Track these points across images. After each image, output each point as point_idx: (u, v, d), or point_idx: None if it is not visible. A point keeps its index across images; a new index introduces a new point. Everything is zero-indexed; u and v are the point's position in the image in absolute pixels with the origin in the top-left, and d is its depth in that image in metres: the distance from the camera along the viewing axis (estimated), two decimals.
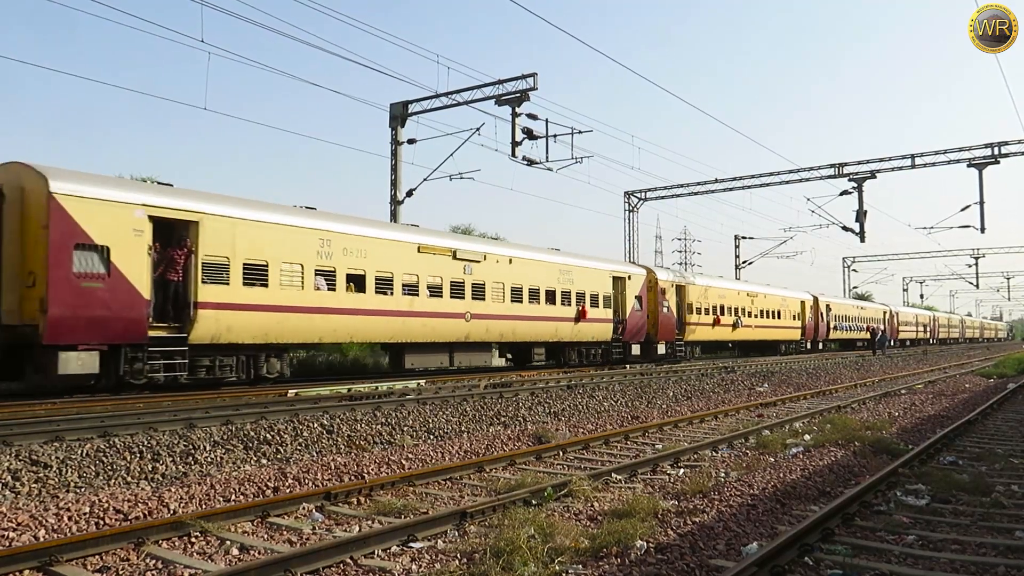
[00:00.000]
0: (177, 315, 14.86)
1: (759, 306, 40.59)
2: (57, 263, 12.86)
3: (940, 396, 18.72)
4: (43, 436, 9.51)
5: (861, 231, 36.71)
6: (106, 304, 13.48)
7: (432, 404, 13.72)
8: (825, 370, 28.14)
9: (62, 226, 12.97)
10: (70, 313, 12.99)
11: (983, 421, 13.53)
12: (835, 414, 14.53)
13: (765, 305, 41.48)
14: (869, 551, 5.76)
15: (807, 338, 47.44)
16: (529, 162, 25.63)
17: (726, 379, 21.99)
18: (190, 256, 14.94)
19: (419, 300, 20.01)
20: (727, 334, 37.41)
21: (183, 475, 8.39)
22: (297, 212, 17.66)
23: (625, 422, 13.55)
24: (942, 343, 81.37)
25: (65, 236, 13.00)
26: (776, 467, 9.03)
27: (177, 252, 14.80)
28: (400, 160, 26.98)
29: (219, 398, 14.25)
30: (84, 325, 13.20)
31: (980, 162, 33.59)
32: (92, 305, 13.30)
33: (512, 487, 7.77)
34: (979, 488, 7.76)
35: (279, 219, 16.79)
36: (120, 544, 5.72)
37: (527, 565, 5.22)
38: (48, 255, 12.80)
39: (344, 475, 8.54)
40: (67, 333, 13.01)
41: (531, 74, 24.42)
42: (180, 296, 14.90)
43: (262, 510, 6.80)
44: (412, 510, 7.02)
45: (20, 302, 13.06)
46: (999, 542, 6.02)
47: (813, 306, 48.09)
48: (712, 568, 5.24)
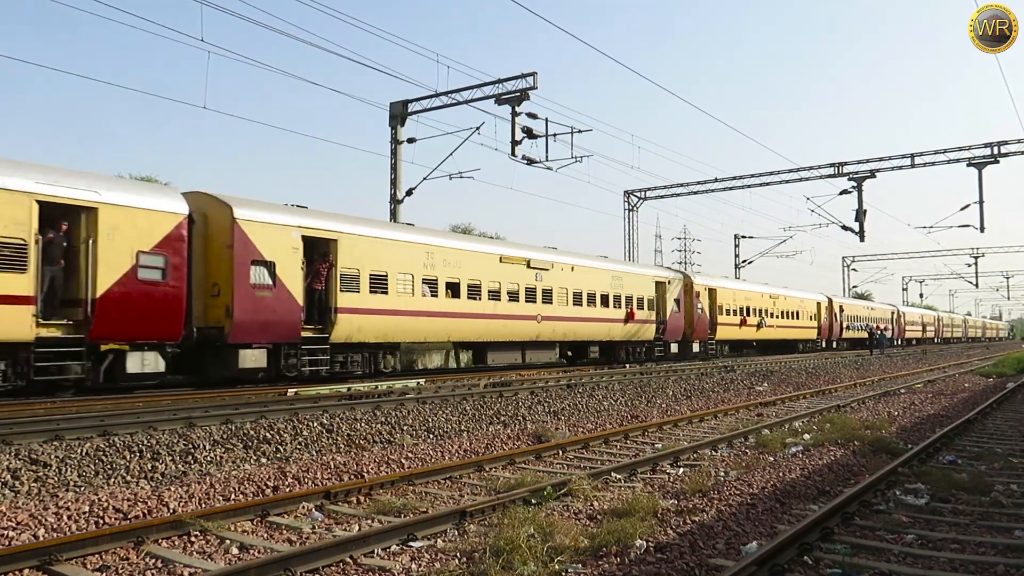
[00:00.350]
0: (320, 319, 17.53)
1: (780, 307, 43.02)
2: (239, 276, 15.54)
3: (939, 395, 18.73)
4: (43, 435, 9.51)
5: (861, 230, 36.71)
6: (273, 310, 16.19)
7: (432, 403, 13.73)
8: (824, 369, 28.16)
9: (243, 245, 15.63)
10: (248, 317, 15.64)
11: (982, 420, 13.53)
12: (835, 413, 14.54)
13: (785, 306, 43.83)
14: (868, 550, 5.76)
15: (822, 337, 49.84)
16: (529, 161, 25.63)
17: (725, 378, 22.00)
18: (331, 269, 17.63)
19: (501, 304, 22.70)
20: (752, 333, 39.84)
21: (183, 474, 8.39)
22: (408, 229, 21.02)
23: (625, 421, 13.56)
24: (945, 342, 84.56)
25: (245, 254, 15.66)
26: (776, 466, 9.04)
27: (321, 266, 17.55)
28: (400, 159, 26.98)
29: (219, 397, 14.26)
30: (258, 327, 15.91)
31: (980, 161, 33.60)
32: (263, 311, 15.99)
33: (512, 486, 7.77)
34: (978, 487, 7.77)
35: (395, 236, 19.86)
36: (120, 543, 5.71)
37: (527, 564, 5.22)
38: (232, 269, 15.44)
39: (344, 474, 8.54)
40: (246, 334, 15.68)
41: (531, 73, 24.42)
42: (323, 302, 17.57)
43: (262, 509, 6.79)
44: (412, 509, 7.02)
45: (205, 309, 15.55)
46: (998, 541, 6.02)
47: (828, 307, 50.44)
48: (712, 567, 5.24)
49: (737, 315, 37.76)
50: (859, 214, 36.28)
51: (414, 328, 19.84)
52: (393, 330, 19.25)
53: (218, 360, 15.80)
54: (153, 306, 14.28)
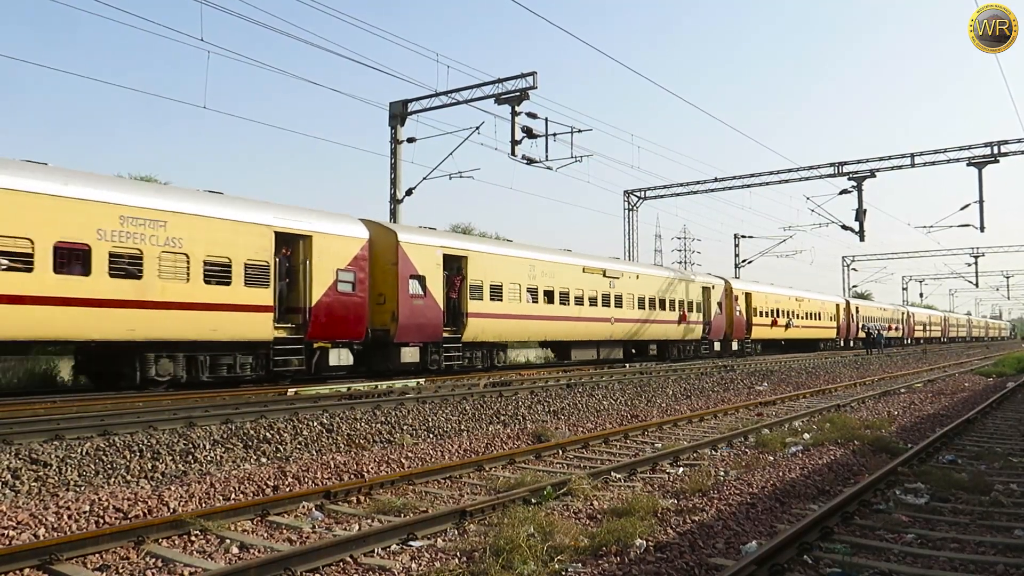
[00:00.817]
0: (454, 322, 21.25)
1: (804, 309, 47.16)
2: (402, 288, 19.26)
3: (939, 395, 18.73)
4: (43, 435, 9.52)
5: (861, 230, 36.63)
6: (424, 315, 19.87)
7: (432, 403, 13.73)
8: (824, 369, 28.16)
9: (404, 263, 19.41)
10: (408, 322, 19.36)
11: (982, 420, 13.54)
12: (834, 413, 14.54)
13: (809, 308, 48.02)
14: (868, 550, 5.77)
15: (841, 336, 53.77)
16: (529, 161, 25.60)
17: (725, 378, 22.01)
18: (462, 281, 21.38)
19: (583, 308, 26.56)
20: (781, 333, 43.77)
21: (183, 474, 8.39)
22: (516, 247, 25.10)
23: (625, 421, 13.56)
24: (951, 341, 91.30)
25: (406, 270, 19.44)
26: (775, 466, 9.04)
27: (456, 278, 21.28)
28: (400, 159, 26.93)
29: (219, 397, 14.27)
30: (414, 329, 19.61)
31: (979, 161, 33.55)
32: (418, 316, 19.65)
33: (512, 486, 7.77)
34: (978, 487, 7.77)
35: (508, 252, 23.92)
36: (120, 543, 5.72)
37: (527, 564, 5.22)
38: (397, 283, 19.15)
39: (344, 474, 8.55)
40: (406, 335, 19.40)
41: (531, 73, 24.36)
42: (456, 308, 21.30)
43: (262, 509, 6.80)
44: (412, 509, 7.03)
45: (373, 315, 18.96)
46: (998, 541, 6.02)
47: (845, 308, 54.76)
48: (711, 567, 5.24)
49: (769, 316, 41.65)
50: (859, 214, 36.20)
51: (521, 329, 23.80)
52: (506, 331, 23.14)
53: (385, 356, 19.41)
54: (347, 312, 18.02)
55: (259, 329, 16.05)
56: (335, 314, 17.61)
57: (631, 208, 42.62)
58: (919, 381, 23.44)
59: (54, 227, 13.00)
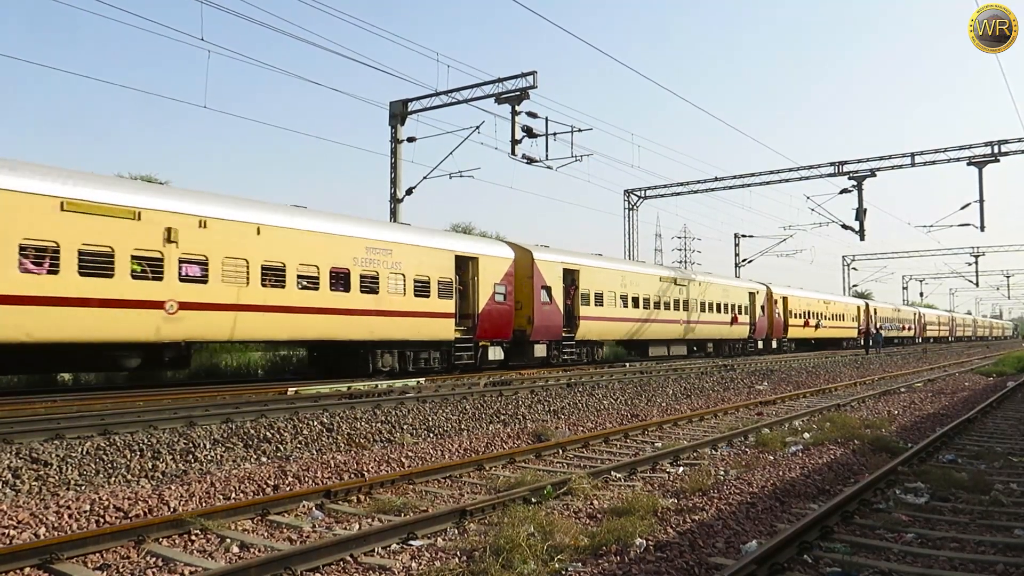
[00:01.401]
0: (569, 324, 25.64)
1: (831, 311, 52.07)
2: (537, 297, 23.81)
3: (939, 394, 18.73)
4: (44, 434, 9.53)
5: (861, 229, 36.61)
6: (550, 318, 24.44)
7: (432, 402, 13.73)
8: (824, 368, 28.15)
9: (537, 276, 24.00)
10: (540, 324, 23.92)
11: (982, 419, 13.53)
12: (834, 412, 14.53)
13: (835, 310, 52.92)
14: (868, 549, 5.77)
15: (861, 336, 56.13)
16: (529, 160, 25.60)
17: (725, 377, 22.01)
18: (576, 290, 25.91)
19: (660, 312, 31.39)
20: (812, 332, 48.43)
21: (183, 473, 8.39)
22: (610, 260, 29.68)
23: (625, 420, 13.56)
24: (958, 340, 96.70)
25: (538, 282, 23.99)
26: (775, 465, 9.04)
27: (571, 288, 25.74)
28: (400, 158, 26.94)
29: (219, 396, 14.28)
30: (544, 330, 24.19)
31: (980, 160, 33.54)
32: (546, 319, 24.18)
33: (512, 485, 7.78)
34: (978, 486, 7.77)
35: (607, 265, 28.59)
36: (120, 542, 5.72)
37: (527, 563, 5.23)
38: (533, 292, 23.69)
39: (344, 473, 8.55)
40: (539, 335, 24.02)
41: (531, 72, 24.37)
42: (571, 313, 25.75)
43: (262, 508, 6.80)
44: (412, 508, 7.03)
45: (515, 319, 23.25)
46: (998, 540, 6.03)
47: (865, 310, 59.62)
48: (711, 566, 5.25)
49: (802, 318, 46.77)
50: (859, 213, 36.17)
51: (615, 329, 28.66)
52: (606, 331, 28.05)
53: (522, 352, 24.00)
54: (501, 317, 22.72)
55: (446, 331, 20.79)
56: (493, 319, 22.37)
57: (631, 207, 42.62)
58: (919, 380, 23.44)
59: (328, 256, 17.56)
